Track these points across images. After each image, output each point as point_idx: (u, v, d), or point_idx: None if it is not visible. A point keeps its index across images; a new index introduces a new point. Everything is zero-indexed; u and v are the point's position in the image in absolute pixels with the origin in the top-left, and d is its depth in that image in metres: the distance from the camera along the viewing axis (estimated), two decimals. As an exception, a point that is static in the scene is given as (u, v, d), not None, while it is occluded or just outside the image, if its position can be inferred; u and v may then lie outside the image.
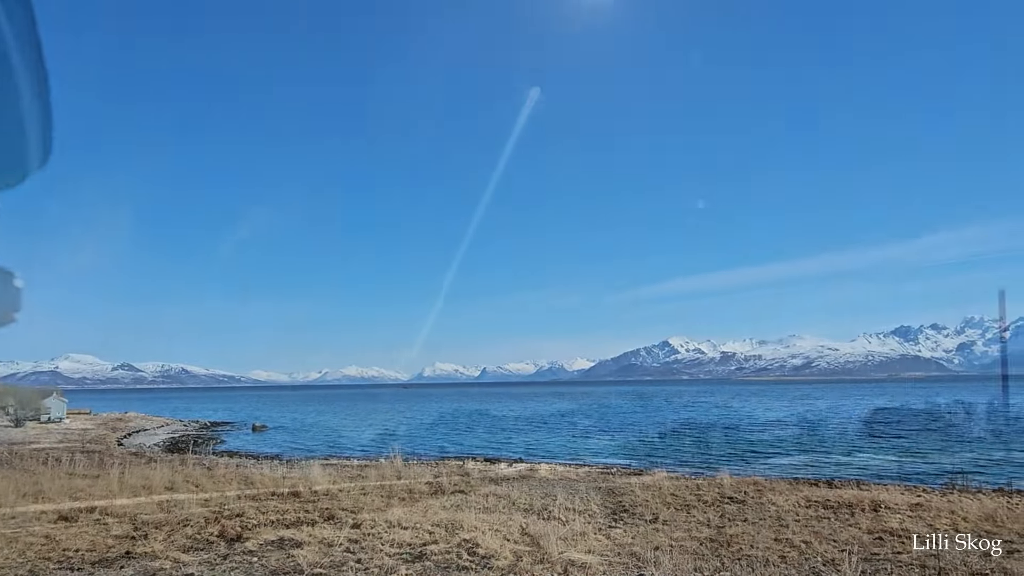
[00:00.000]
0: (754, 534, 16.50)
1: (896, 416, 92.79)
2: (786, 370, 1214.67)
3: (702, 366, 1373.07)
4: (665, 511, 20.09)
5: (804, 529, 17.50)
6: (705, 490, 24.67)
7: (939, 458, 47.37)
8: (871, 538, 16.63)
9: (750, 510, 20.51)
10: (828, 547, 15.28)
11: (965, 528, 18.05)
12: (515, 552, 13.92)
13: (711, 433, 70.56)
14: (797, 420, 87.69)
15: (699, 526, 17.77)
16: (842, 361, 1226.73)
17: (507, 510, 20.17)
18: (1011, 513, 20.91)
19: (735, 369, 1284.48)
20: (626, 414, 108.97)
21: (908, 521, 18.77)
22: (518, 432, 77.76)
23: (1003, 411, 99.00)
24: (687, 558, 13.67)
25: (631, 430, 76.41)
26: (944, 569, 12.92)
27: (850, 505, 21.53)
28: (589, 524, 17.81)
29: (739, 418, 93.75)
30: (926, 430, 69.93)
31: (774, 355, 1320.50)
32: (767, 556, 14.13)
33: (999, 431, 67.36)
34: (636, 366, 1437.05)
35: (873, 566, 13.42)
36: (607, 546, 15.01)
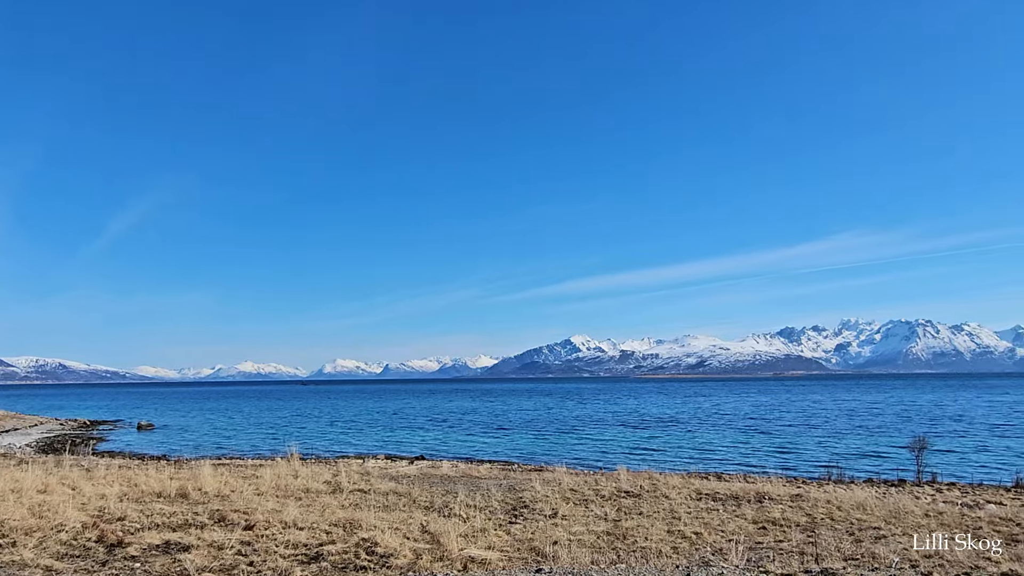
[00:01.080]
0: (649, 526, 17.04)
1: (778, 412, 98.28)
2: (681, 368, 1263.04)
3: (602, 364, 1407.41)
4: (564, 506, 20.43)
5: (695, 521, 18.22)
6: (603, 485, 25.26)
7: (816, 452, 50.53)
8: (756, 528, 17.52)
9: (645, 503, 21.18)
10: (717, 537, 15.97)
11: (840, 516, 19.32)
12: (415, 550, 13.79)
13: (610, 429, 72.41)
14: (689, 416, 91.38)
15: (597, 520, 18.18)
16: (732, 360, 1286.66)
17: (407, 508, 19.97)
18: (879, 501, 22.55)
19: (633, 367, 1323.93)
20: (528, 411, 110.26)
21: (789, 511, 19.88)
22: (420, 429, 77.24)
23: (870, 407, 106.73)
24: (585, 551, 13.95)
25: (532, 426, 77.38)
26: (820, 556, 13.76)
27: (737, 497, 22.60)
28: (490, 520, 17.87)
29: (636, 414, 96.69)
30: (804, 425, 74.44)
31: (670, 354, 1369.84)
32: (660, 547, 14.61)
33: (865, 426, 72.52)
34: (539, 364, 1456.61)
35: (757, 554, 14.13)
36: (507, 542, 15.12)
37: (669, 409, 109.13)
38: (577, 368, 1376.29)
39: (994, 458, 45.84)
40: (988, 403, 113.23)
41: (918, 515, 19.74)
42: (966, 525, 18.36)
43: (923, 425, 70.18)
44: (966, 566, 12.83)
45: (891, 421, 78.17)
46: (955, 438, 58.12)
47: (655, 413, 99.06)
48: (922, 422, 75.33)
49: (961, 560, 13.51)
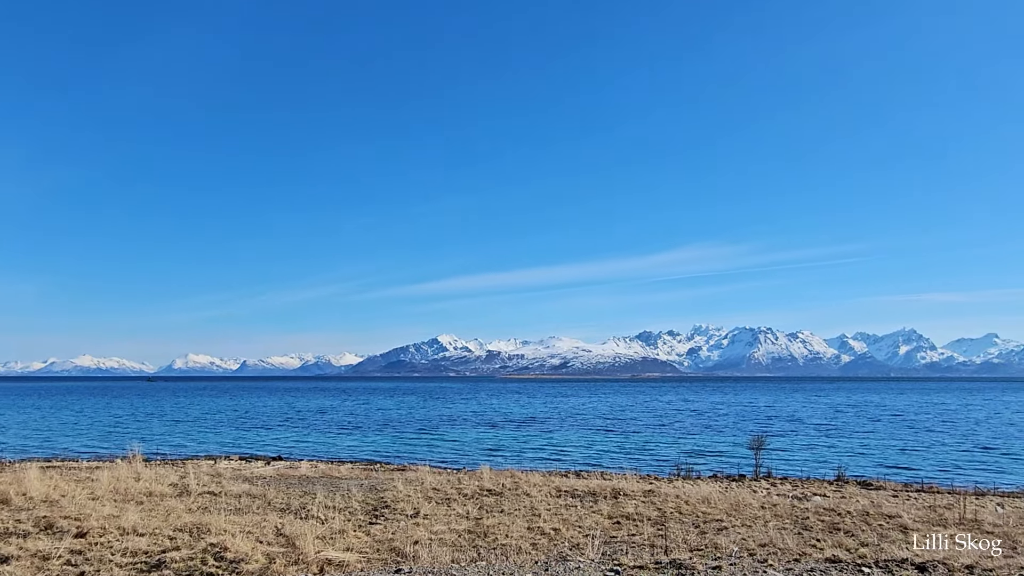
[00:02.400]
0: (510, 524, 17.29)
1: (633, 412, 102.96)
2: (546, 368, 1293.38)
3: (469, 364, 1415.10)
4: (427, 505, 20.32)
5: (554, 517, 18.70)
6: (466, 483, 25.38)
7: (667, 449, 53.36)
8: (611, 523, 18.24)
9: (507, 501, 21.48)
10: (575, 532, 16.47)
11: (687, 510, 20.49)
12: (268, 554, 13.21)
13: (474, 428, 72.89)
14: (550, 416, 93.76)
15: (458, 519, 18.23)
16: (594, 362, 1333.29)
17: (262, 510, 19.11)
18: (722, 496, 24.15)
19: (499, 367, 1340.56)
20: (391, 410, 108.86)
21: (642, 506, 20.88)
22: (278, 429, 74.24)
23: (715, 408, 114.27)
24: (446, 550, 13.93)
25: (396, 426, 76.47)
26: (669, 547, 14.53)
27: (595, 494, 23.45)
28: (349, 521, 17.46)
29: (499, 414, 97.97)
30: (657, 425, 78.47)
31: (535, 355, 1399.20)
32: (520, 544, 14.87)
33: (711, 425, 77.52)
34: (405, 362, 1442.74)
35: (612, 547, 14.71)
36: (367, 543, 14.82)
37: (531, 409, 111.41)
38: (444, 367, 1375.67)
39: (820, 454, 50.32)
40: (815, 404, 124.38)
41: (756, 507, 21.33)
42: (795, 516, 20.05)
43: (761, 424, 75.93)
44: (795, 553, 13.96)
45: (733, 421, 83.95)
46: (787, 436, 63.27)
47: (518, 413, 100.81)
48: (760, 422, 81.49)
49: (791, 548, 14.70)
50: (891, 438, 62.59)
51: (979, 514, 22.01)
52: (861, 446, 56.35)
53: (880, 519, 19.87)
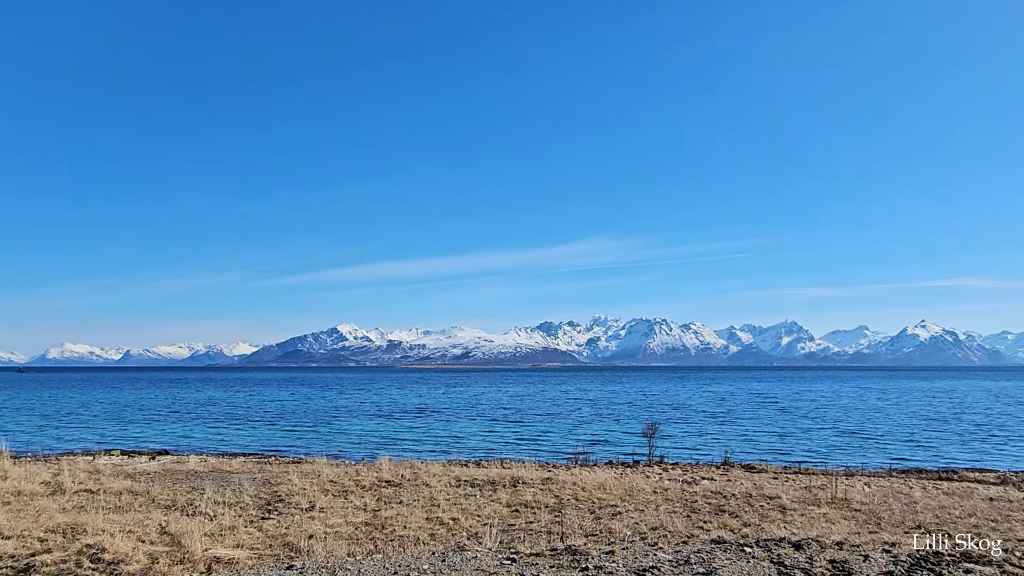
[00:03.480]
0: (408, 515, 17.16)
1: (533, 402, 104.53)
2: (447, 359, 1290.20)
3: (369, 354, 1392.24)
4: (323, 498, 19.86)
5: (454, 507, 18.70)
6: (365, 475, 24.98)
7: (565, 437, 54.49)
8: (510, 511, 18.43)
9: (406, 492, 21.30)
10: (474, 522, 16.53)
11: (584, 496, 20.98)
12: (151, 554, 12.53)
13: (373, 419, 71.88)
14: (451, 405, 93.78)
15: (356, 511, 17.92)
16: (495, 351, 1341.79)
17: (145, 508, 18.12)
18: (617, 482, 24.88)
19: (400, 357, 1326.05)
20: (287, 401, 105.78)
21: (540, 494, 21.20)
22: (164, 422, 70.60)
23: (611, 397, 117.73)
24: (342, 544, 13.66)
25: (292, 417, 74.36)
26: (565, 533, 14.83)
27: (494, 482, 23.62)
28: (240, 517, 16.82)
29: (400, 404, 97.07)
30: (556, 413, 80.00)
31: (437, 344, 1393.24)
32: (419, 535, 14.78)
33: (608, 414, 79.79)
34: (303, 352, 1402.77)
35: (510, 536, 14.86)
36: (258, 539, 14.32)
37: (432, 399, 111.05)
38: (343, 357, 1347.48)
39: (709, 440, 52.75)
40: (705, 393, 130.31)
41: (648, 492, 22.10)
42: (685, 499, 20.93)
43: (654, 412, 78.78)
44: (684, 535, 14.56)
45: (628, 409, 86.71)
46: (679, 423, 65.96)
47: (418, 403, 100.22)
48: (653, 410, 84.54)
49: (680, 530, 15.32)
50: (773, 424, 66.38)
51: (849, 493, 23.70)
52: (746, 432, 59.47)
53: (762, 500, 21.02)
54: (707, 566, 8.75)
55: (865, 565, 9.21)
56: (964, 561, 9.54)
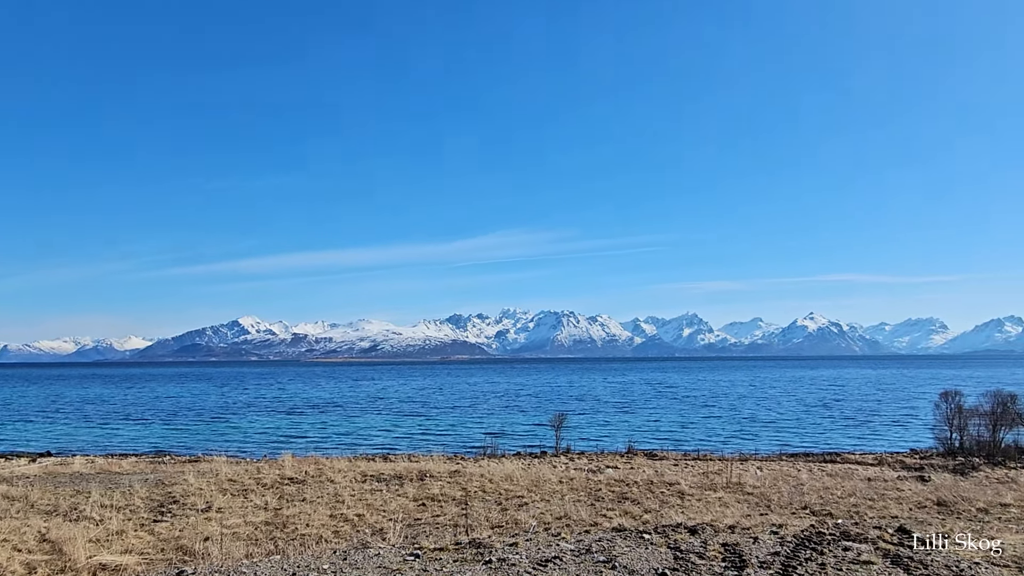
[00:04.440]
0: (311, 512, 16.76)
1: (442, 394, 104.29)
2: (355, 352, 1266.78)
3: (273, 347, 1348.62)
4: (221, 498, 19.13)
5: (359, 503, 18.41)
6: (266, 472, 24.23)
7: (474, 429, 54.64)
8: (416, 505, 18.32)
9: (310, 489, 20.80)
10: (379, 517, 16.32)
11: (491, 488, 21.10)
12: (28, 564, 11.70)
13: (276, 415, 69.81)
14: (358, 400, 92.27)
15: (256, 510, 17.35)
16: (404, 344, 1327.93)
17: (23, 515, 16.91)
18: (524, 472, 25.17)
19: (306, 351, 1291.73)
20: (183, 397, 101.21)
21: (447, 487, 21.17)
22: (47, 422, 66.11)
23: (519, 389, 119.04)
24: (240, 545, 13.19)
25: (188, 414, 71.21)
26: (471, 526, 14.87)
27: (401, 477, 23.40)
28: (130, 520, 15.97)
29: (304, 399, 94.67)
30: (465, 406, 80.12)
31: (344, 338, 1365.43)
32: (322, 533, 14.46)
33: (516, 405, 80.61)
34: (201, 346, 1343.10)
35: (415, 530, 14.77)
36: (149, 543, 13.64)
37: (338, 393, 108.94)
38: (245, 351, 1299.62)
39: (613, 429, 54.16)
40: (610, 383, 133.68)
41: (554, 482, 22.46)
42: (590, 488, 21.40)
43: (561, 403, 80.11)
44: (587, 524, 14.89)
45: (536, 401, 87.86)
46: (586, 414, 67.38)
47: (324, 398, 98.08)
48: (560, 401, 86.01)
49: (584, 519, 15.66)
50: (674, 412, 68.85)
51: (743, 477, 24.89)
52: (649, 420, 61.42)
53: (662, 487, 21.77)
54: (607, 554, 8.97)
55: (755, 547, 9.69)
56: (843, 539, 10.19)
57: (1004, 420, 39.98)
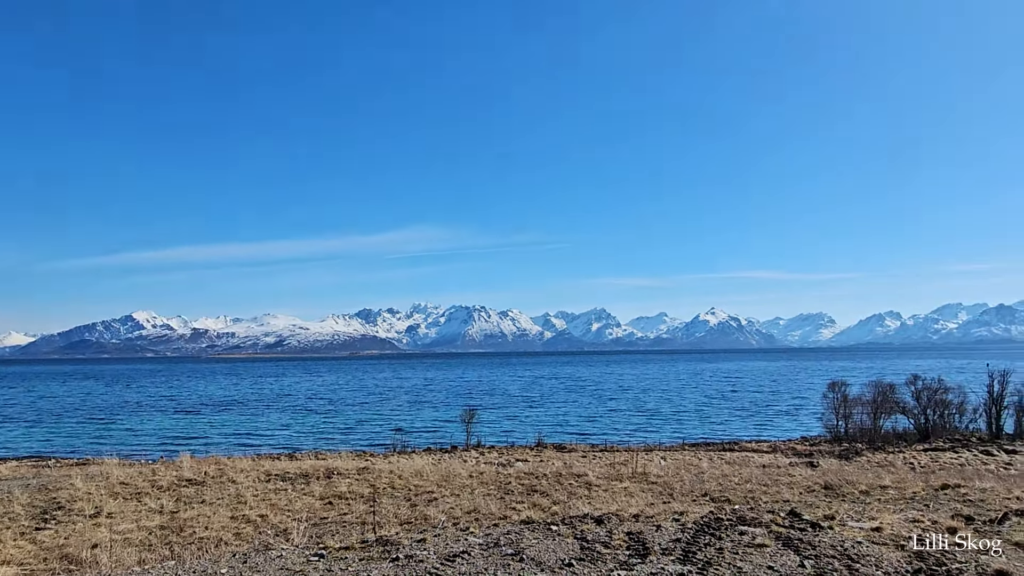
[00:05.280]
0: (211, 515, 16.10)
1: (350, 391, 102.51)
2: (259, 348, 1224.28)
3: (170, 343, 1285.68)
4: (112, 502, 18.08)
5: (262, 503, 17.82)
6: (162, 474, 23.08)
7: (383, 425, 53.98)
8: (323, 504, 17.89)
9: (210, 490, 19.96)
10: (283, 517, 15.85)
11: (400, 484, 20.88)
12: None
13: (172, 414, 66.73)
14: (262, 397, 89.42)
15: (151, 514, 16.51)
16: (312, 340, 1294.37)
17: None
18: (435, 467, 25.05)
19: (207, 347, 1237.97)
20: (68, 397, 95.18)
21: (355, 484, 20.79)
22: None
23: (430, 384, 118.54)
24: (132, 551, 12.51)
25: (75, 415, 67.02)
26: (379, 523, 14.67)
27: (307, 475, 22.80)
28: (9, 529, 14.88)
29: (203, 397, 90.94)
30: (374, 402, 79.02)
31: (248, 333, 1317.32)
32: (222, 536, 13.91)
33: (426, 400, 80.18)
34: (91, 343, 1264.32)
35: (321, 530, 14.43)
36: (31, 552, 12.75)
37: (240, 391, 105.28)
38: (140, 347, 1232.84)
39: (523, 423, 54.72)
40: (521, 378, 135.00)
41: (464, 477, 22.46)
42: (500, 481, 21.54)
43: (472, 398, 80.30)
44: (496, 517, 14.98)
45: (447, 396, 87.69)
46: (496, 408, 67.78)
47: (226, 395, 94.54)
48: (471, 395, 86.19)
49: (494, 512, 15.74)
50: (582, 405, 70.24)
51: (648, 467, 25.67)
52: (558, 414, 62.40)
53: (571, 479, 22.16)
54: (515, 547, 9.05)
55: (658, 534, 10.01)
56: (740, 524, 10.67)
57: (884, 408, 43.02)
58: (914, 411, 43.10)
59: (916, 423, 42.94)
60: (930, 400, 43.05)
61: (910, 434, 42.61)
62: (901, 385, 44.64)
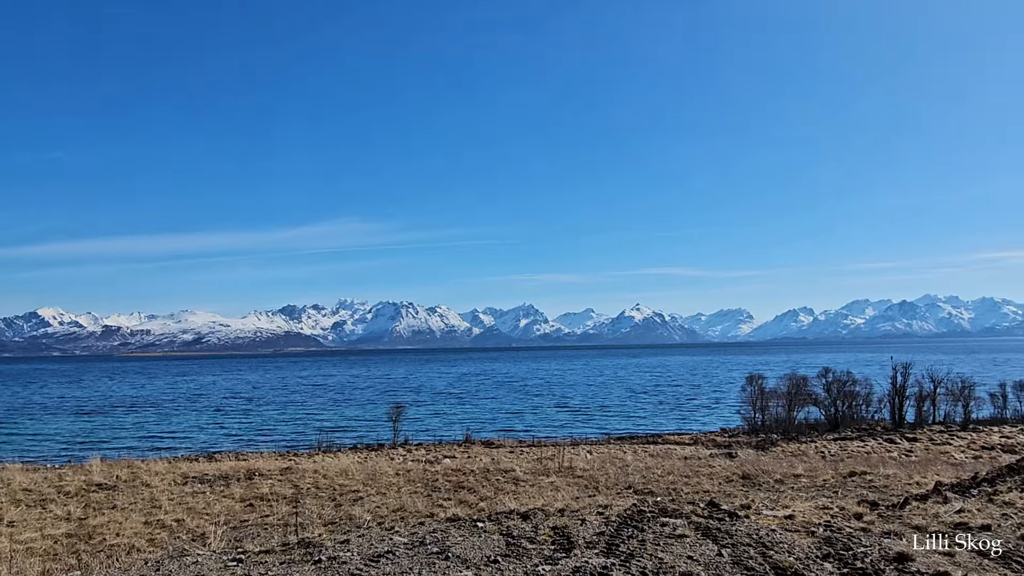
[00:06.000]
0: (123, 520, 15.39)
1: (272, 389, 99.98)
2: (176, 345, 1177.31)
3: (79, 341, 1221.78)
4: (13, 510, 17.04)
5: (178, 507, 17.15)
6: (70, 479, 21.91)
7: (308, 424, 52.85)
8: (243, 506, 17.36)
9: (122, 495, 19.08)
10: (201, 521, 15.30)
11: (325, 484, 20.48)
12: None
13: (80, 415, 63.49)
14: (179, 397, 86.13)
15: (57, 521, 15.65)
16: (233, 337, 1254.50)
17: None
18: (360, 466, 24.68)
19: (119, 345, 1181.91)
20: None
21: (278, 485, 20.26)
22: None
23: (356, 381, 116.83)
24: (35, 562, 11.82)
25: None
26: (302, 525, 14.34)
27: (227, 477, 22.08)
28: None
29: (114, 397, 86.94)
30: (299, 400, 77.26)
31: (164, 330, 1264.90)
32: (134, 543, 13.32)
33: (352, 398, 79.00)
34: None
35: (241, 533, 13.99)
36: (-81, 567, 11.88)
37: (155, 391, 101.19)
38: (45, 346, 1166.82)
39: (451, 419, 54.62)
40: (448, 374, 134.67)
41: (391, 475, 22.22)
42: (427, 479, 21.40)
43: (399, 395, 79.57)
44: (423, 515, 14.87)
45: (374, 393, 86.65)
46: (424, 405, 67.40)
47: (139, 395, 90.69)
48: (398, 392, 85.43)
49: (420, 510, 15.62)
50: (510, 401, 70.61)
51: (574, 462, 26.02)
52: (486, 409, 62.53)
53: (498, 474, 22.23)
54: (441, 545, 9.00)
55: (582, 528, 10.15)
56: (662, 516, 10.94)
57: (797, 400, 45.08)
58: (825, 402, 45.31)
59: (827, 414, 45.13)
60: (839, 392, 45.36)
61: (821, 424, 44.77)
62: (813, 378, 46.83)
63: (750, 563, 8.18)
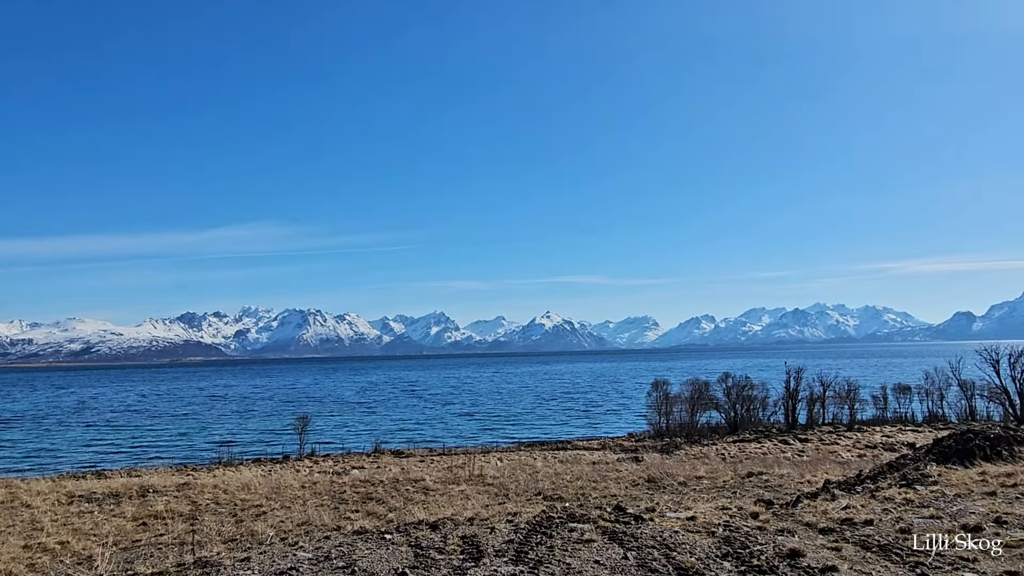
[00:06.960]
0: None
1: (166, 401, 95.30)
2: (63, 355, 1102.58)
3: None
4: None
5: (63, 528, 16.04)
6: (-65, 503, 20.12)
7: (207, 437, 50.64)
8: (136, 525, 16.41)
9: (-3, 518, 17.68)
10: (88, 543, 14.35)
11: (226, 499, 19.64)
12: None
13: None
14: (60, 411, 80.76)
15: (-83, 550, 14.32)
16: (126, 346, 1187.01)
17: None
18: (264, 479, 23.81)
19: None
20: None
21: (174, 502, 19.28)
22: None
23: (259, 391, 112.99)
24: None
25: None
26: (200, 543, 13.69)
27: (118, 495, 20.84)
28: None
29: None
30: (196, 412, 73.91)
31: (49, 339, 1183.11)
32: (11, 568, 12.35)
33: (255, 409, 76.31)
34: None
35: (132, 554, 13.22)
36: None
37: (36, 404, 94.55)
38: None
39: (360, 429, 53.60)
40: (356, 383, 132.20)
41: (296, 488, 21.55)
42: (334, 491, 20.88)
43: (305, 405, 77.45)
44: (329, 529, 14.49)
45: (278, 403, 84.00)
46: (331, 415, 65.81)
47: (17, 409, 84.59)
48: (304, 403, 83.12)
49: (327, 524, 15.22)
50: (420, 410, 69.92)
51: (484, 469, 26.01)
52: (396, 419, 61.68)
53: (408, 484, 21.95)
54: (347, 559, 8.80)
55: (491, 536, 10.15)
56: (570, 521, 11.09)
57: (700, 404, 46.82)
58: (725, 406, 47.27)
59: (727, 417, 47.08)
60: (738, 396, 47.45)
61: (722, 427, 46.66)
62: (714, 383, 48.76)
63: (654, 565, 8.40)
